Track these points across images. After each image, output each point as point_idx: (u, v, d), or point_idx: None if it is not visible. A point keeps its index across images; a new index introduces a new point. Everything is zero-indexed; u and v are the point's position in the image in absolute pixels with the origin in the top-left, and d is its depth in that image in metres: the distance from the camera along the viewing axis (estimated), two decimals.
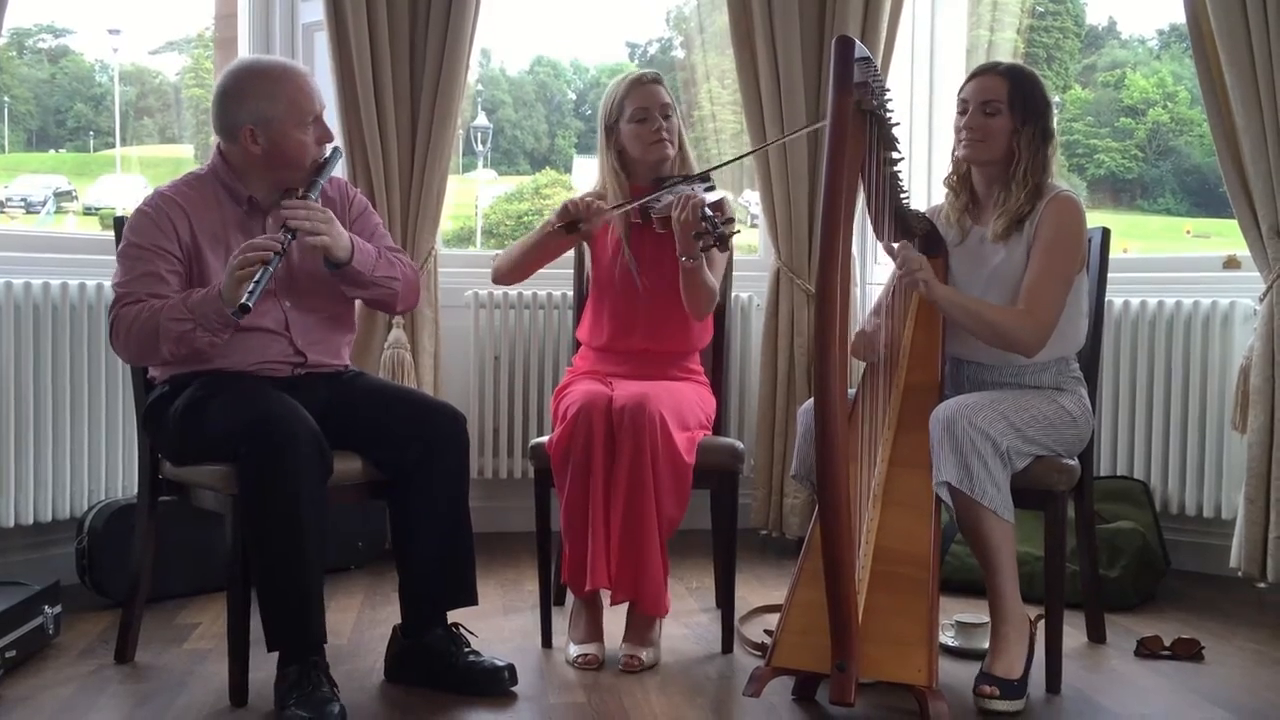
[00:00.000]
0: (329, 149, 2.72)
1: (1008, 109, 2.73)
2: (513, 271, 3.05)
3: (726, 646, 2.92)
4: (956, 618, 2.96)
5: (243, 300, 2.39)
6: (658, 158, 3.02)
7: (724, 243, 2.76)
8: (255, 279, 2.41)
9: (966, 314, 2.67)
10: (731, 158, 2.99)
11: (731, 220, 2.86)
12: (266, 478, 2.41)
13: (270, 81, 2.62)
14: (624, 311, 3.05)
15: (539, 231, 2.99)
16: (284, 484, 2.41)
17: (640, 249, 3.04)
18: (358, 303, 2.87)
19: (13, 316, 3.24)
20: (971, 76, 2.80)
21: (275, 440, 2.42)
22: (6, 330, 3.23)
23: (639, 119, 3.01)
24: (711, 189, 2.97)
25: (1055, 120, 2.82)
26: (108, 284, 3.35)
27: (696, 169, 3.08)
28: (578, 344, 3.21)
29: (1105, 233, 2.96)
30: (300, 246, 2.63)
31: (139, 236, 2.61)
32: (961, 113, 2.79)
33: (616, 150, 3.06)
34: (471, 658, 2.65)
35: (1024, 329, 2.65)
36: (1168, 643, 2.92)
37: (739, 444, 2.95)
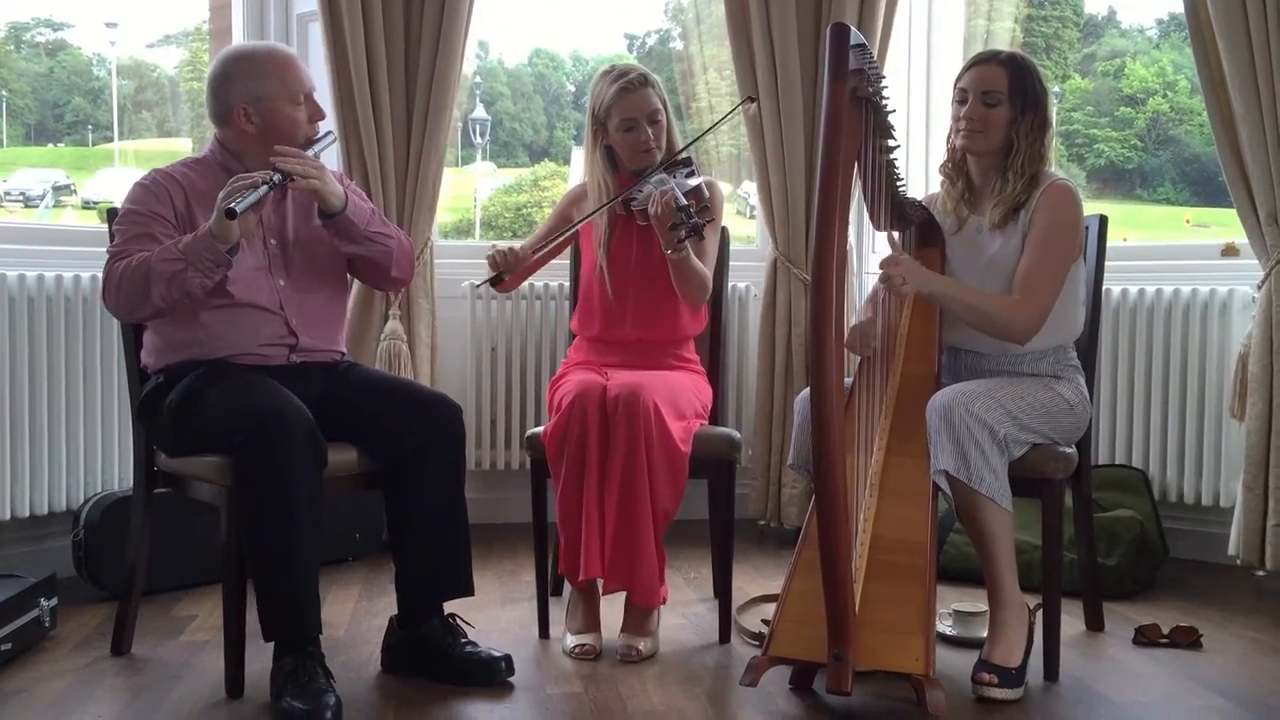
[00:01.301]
0: (322, 128, 2.74)
1: (1008, 99, 2.71)
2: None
3: (724, 636, 2.92)
4: (954, 606, 2.96)
5: (230, 205, 2.40)
6: (645, 165, 3.01)
7: (699, 232, 2.76)
8: (244, 196, 2.43)
9: (960, 304, 2.66)
10: (686, 144, 3.00)
11: (706, 208, 2.86)
12: (262, 468, 2.40)
13: (256, 62, 2.68)
14: (613, 302, 3.05)
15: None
16: (279, 474, 2.40)
17: (626, 239, 3.04)
18: (353, 290, 2.87)
19: (10, 309, 3.24)
20: (970, 65, 2.78)
21: (270, 431, 2.41)
22: (3, 322, 3.23)
23: (626, 128, 2.99)
24: (692, 174, 2.96)
25: (1053, 109, 2.81)
26: None
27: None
28: (573, 335, 3.20)
29: (1103, 220, 2.95)
30: (295, 210, 2.63)
31: (135, 204, 2.64)
32: (960, 101, 2.77)
33: (605, 145, 3.05)
34: (468, 648, 2.65)
35: (1017, 317, 2.64)
36: (1166, 630, 2.92)
37: (736, 434, 2.95)
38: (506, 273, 2.88)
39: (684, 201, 2.78)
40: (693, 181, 2.92)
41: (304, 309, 2.71)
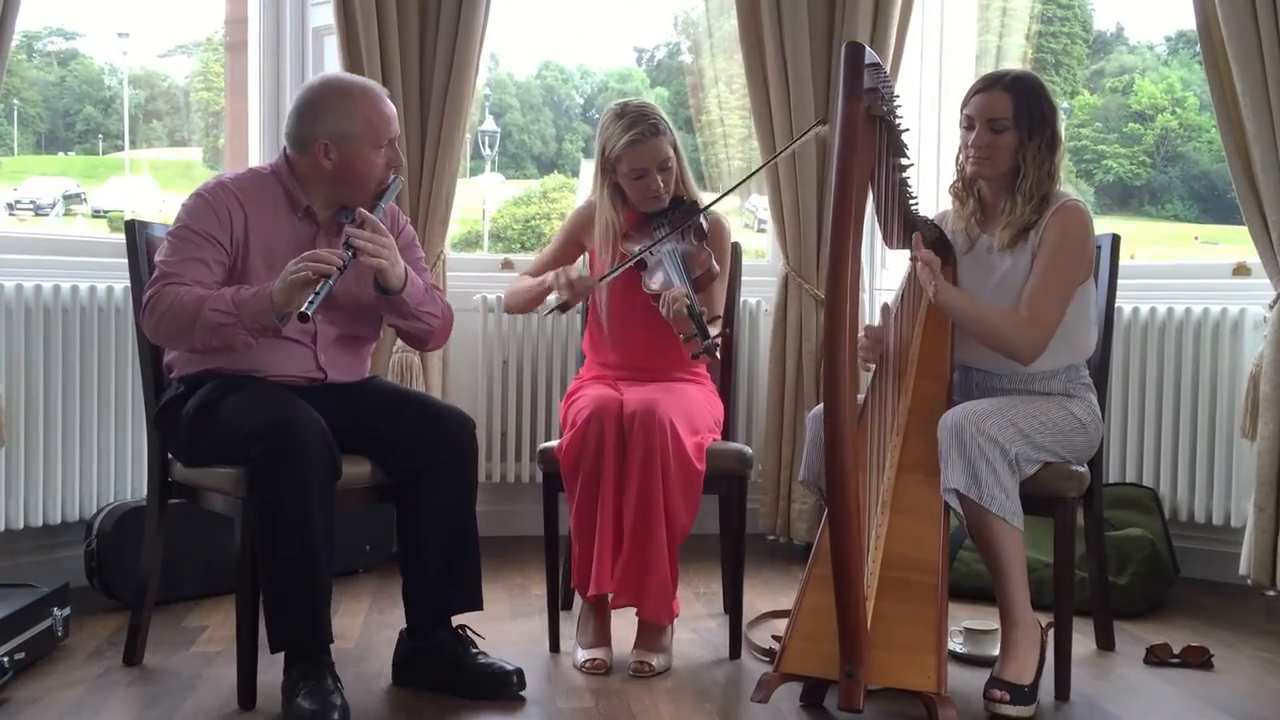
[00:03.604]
0: (391, 175, 2.72)
1: (1014, 124, 2.71)
2: (522, 309, 3.16)
3: (734, 652, 2.92)
4: (965, 624, 2.96)
5: (303, 309, 2.39)
6: (653, 209, 3.03)
7: (712, 354, 2.73)
8: (316, 290, 2.41)
9: (969, 317, 2.67)
10: (733, 185, 3.06)
11: (717, 320, 2.92)
12: (277, 480, 2.41)
13: (350, 100, 2.63)
14: (622, 332, 3.06)
15: (542, 287, 3.02)
16: (294, 486, 2.41)
17: (631, 288, 3.02)
18: None
19: (22, 319, 3.25)
20: (976, 91, 2.77)
21: (286, 443, 2.42)
22: (16, 332, 3.24)
23: (637, 176, 2.98)
24: (698, 224, 3.00)
25: (1062, 125, 2.81)
26: (118, 286, 3.38)
27: (696, 185, 3.09)
28: (583, 356, 3.21)
29: (1115, 239, 2.95)
30: (354, 267, 2.65)
31: (194, 220, 2.60)
32: (967, 128, 2.78)
33: (613, 183, 3.04)
34: (480, 659, 2.65)
35: (1023, 336, 2.64)
36: (1176, 650, 2.92)
37: (747, 449, 2.95)
38: (573, 302, 2.92)
39: (698, 308, 2.75)
40: (693, 253, 2.94)
41: (334, 346, 2.72)
